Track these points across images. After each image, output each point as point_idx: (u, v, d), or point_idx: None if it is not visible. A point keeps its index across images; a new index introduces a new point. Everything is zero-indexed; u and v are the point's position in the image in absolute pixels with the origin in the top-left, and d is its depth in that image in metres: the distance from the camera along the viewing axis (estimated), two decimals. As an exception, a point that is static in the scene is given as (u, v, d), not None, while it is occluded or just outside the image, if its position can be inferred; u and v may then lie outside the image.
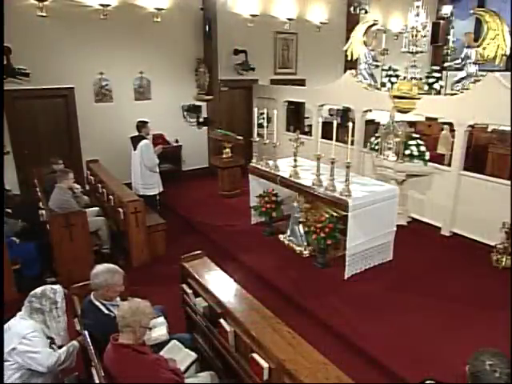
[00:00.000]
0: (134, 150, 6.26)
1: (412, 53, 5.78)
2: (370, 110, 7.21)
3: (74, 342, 2.94)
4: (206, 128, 9.08)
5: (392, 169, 6.15)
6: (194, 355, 2.90)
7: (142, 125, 6.29)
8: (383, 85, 7.13)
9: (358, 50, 7.36)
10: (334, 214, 5.13)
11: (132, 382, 2.36)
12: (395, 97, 6.16)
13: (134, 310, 2.45)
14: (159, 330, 3.00)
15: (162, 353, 2.81)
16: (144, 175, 6.26)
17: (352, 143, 5.17)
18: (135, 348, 2.44)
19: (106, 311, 2.87)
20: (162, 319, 3.16)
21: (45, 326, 2.84)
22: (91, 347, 2.59)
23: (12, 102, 6.88)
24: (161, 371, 2.46)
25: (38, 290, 2.90)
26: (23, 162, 7.18)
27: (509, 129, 5.77)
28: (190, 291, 3.38)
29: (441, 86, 6.72)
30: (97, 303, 2.89)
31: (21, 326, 2.75)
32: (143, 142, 6.16)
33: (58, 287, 2.96)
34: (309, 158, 5.89)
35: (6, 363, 2.67)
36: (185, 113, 8.83)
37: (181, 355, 2.91)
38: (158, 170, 6.38)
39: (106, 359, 2.49)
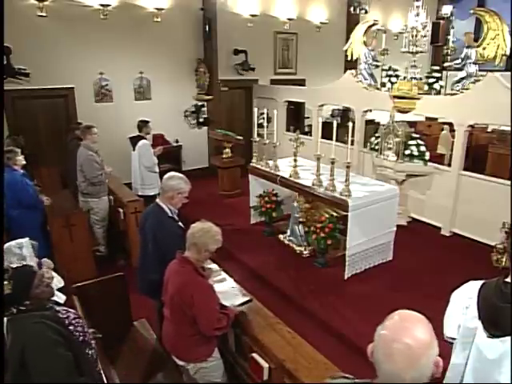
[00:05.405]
0: (133, 150, 6.26)
1: (412, 53, 5.77)
2: (370, 110, 7.22)
3: None
4: (206, 128, 9.09)
5: (392, 169, 6.15)
6: (248, 297, 3.01)
7: (142, 124, 6.27)
8: (383, 85, 7.12)
9: (358, 49, 7.34)
10: (334, 214, 5.13)
11: (183, 297, 2.48)
12: (395, 97, 6.15)
13: (205, 231, 2.59)
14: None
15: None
16: (143, 175, 6.25)
17: (352, 143, 5.16)
18: (196, 268, 2.57)
19: (170, 214, 3.16)
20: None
21: None
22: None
23: (12, 102, 6.87)
24: (211, 298, 2.56)
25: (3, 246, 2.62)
26: (23, 162, 7.18)
27: (509, 129, 5.77)
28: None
29: (441, 86, 6.71)
30: (163, 206, 3.17)
31: None
32: (141, 142, 6.15)
33: (24, 240, 2.69)
34: (309, 158, 5.89)
35: None
36: (186, 113, 8.84)
37: (235, 295, 3.05)
38: (157, 170, 6.37)
39: (168, 271, 2.66)
